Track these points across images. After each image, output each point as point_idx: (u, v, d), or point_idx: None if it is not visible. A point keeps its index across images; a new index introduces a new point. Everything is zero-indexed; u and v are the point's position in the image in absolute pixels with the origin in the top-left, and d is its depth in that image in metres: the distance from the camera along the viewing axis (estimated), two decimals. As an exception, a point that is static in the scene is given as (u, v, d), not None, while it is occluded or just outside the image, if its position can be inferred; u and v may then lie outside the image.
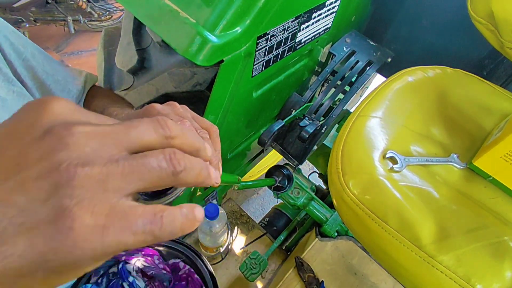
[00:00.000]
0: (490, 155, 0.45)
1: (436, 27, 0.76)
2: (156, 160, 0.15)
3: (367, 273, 0.78)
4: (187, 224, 0.16)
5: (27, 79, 0.39)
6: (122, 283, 0.50)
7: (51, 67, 0.43)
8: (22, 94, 0.37)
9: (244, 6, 0.42)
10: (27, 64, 0.39)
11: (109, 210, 0.14)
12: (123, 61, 0.60)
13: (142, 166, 0.15)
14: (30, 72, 0.39)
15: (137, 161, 0.15)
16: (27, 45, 0.40)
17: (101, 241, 0.13)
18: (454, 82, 0.58)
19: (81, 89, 0.47)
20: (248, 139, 0.78)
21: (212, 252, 0.84)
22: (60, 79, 0.44)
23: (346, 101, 0.68)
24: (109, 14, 2.04)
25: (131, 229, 0.14)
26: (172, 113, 0.22)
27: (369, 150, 0.47)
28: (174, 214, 0.15)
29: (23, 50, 0.38)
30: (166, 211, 0.15)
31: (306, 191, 0.84)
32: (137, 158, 0.15)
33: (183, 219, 0.16)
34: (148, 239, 0.15)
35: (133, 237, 0.14)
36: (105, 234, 0.13)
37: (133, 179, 0.15)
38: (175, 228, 0.15)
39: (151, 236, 0.15)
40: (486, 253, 0.39)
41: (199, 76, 0.53)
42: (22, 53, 0.38)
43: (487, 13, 0.50)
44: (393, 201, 0.43)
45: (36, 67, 0.40)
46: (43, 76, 0.41)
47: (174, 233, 0.15)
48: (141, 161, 0.15)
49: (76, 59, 1.99)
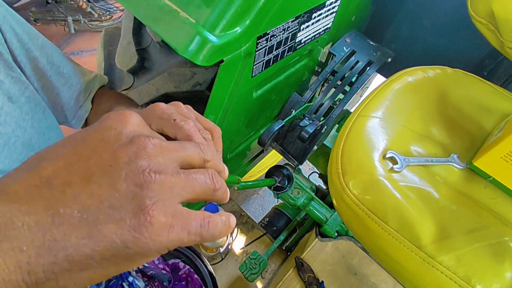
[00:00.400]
0: (490, 156, 0.45)
1: (436, 27, 0.76)
2: (204, 177, 0.19)
3: (367, 274, 0.78)
4: (224, 229, 0.19)
5: (27, 68, 0.40)
6: (121, 283, 0.50)
7: (59, 60, 0.44)
8: (20, 80, 0.38)
9: (244, 6, 0.42)
10: (29, 55, 0.40)
11: (174, 212, 0.17)
12: (123, 61, 0.60)
13: (195, 180, 0.18)
14: (32, 63, 0.40)
15: (192, 176, 0.18)
16: (35, 36, 0.41)
17: (167, 236, 0.16)
18: (454, 82, 0.58)
19: (85, 87, 0.48)
20: (248, 139, 0.78)
21: (212, 252, 0.84)
22: (65, 72, 0.45)
23: (346, 101, 0.68)
24: (109, 14, 2.04)
25: (187, 229, 0.17)
26: (176, 112, 0.22)
27: (369, 150, 0.47)
28: (217, 220, 0.19)
29: (28, 41, 0.39)
30: (212, 217, 0.18)
31: (306, 191, 0.84)
32: (192, 173, 0.18)
33: (222, 225, 0.19)
34: (197, 239, 0.18)
35: (188, 236, 0.17)
36: (171, 231, 0.16)
37: (188, 189, 0.18)
38: (216, 232, 0.18)
39: (199, 237, 0.18)
40: (486, 253, 0.39)
41: (199, 76, 0.53)
42: (26, 44, 0.39)
43: (487, 13, 0.49)
44: (393, 201, 0.43)
45: (39, 58, 0.41)
46: (45, 67, 0.42)
47: (215, 236, 0.18)
48: (194, 176, 0.18)
49: (77, 59, 1.99)
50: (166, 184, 0.17)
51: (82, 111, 0.49)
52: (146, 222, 0.16)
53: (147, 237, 0.16)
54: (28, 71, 0.40)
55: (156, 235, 0.16)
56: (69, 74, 0.45)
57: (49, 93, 0.44)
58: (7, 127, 0.35)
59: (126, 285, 0.49)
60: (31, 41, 0.40)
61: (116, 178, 0.16)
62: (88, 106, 0.49)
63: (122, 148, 0.17)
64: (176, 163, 0.18)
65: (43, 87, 0.43)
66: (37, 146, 0.39)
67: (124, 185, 0.16)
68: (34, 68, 0.40)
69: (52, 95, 0.44)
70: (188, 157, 0.19)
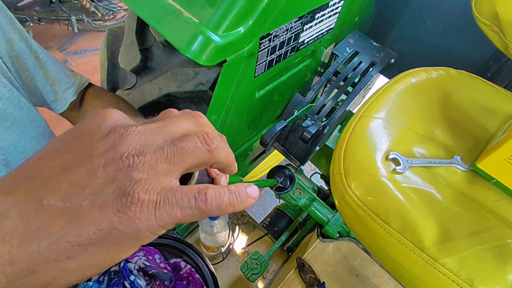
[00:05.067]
0: (493, 157, 0.44)
1: (440, 28, 0.76)
2: (192, 142, 0.18)
3: (369, 275, 0.78)
4: (237, 200, 0.18)
5: (0, 49, 0.40)
6: (123, 281, 0.50)
7: (36, 46, 0.44)
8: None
9: (247, 6, 0.42)
10: (6, 36, 0.40)
11: (160, 189, 0.17)
12: (126, 60, 0.60)
13: (181, 149, 0.18)
14: (8, 44, 0.40)
15: (176, 146, 0.18)
16: (14, 22, 0.41)
17: (153, 213, 0.16)
18: (458, 83, 0.57)
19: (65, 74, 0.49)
20: (250, 139, 0.78)
21: (213, 252, 0.84)
22: (41, 58, 0.45)
23: (348, 102, 0.67)
24: (113, 14, 2.05)
25: (178, 204, 0.17)
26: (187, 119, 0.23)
27: (372, 151, 0.47)
28: (219, 191, 0.18)
29: (5, 23, 0.39)
30: (209, 189, 0.18)
31: (308, 192, 0.84)
32: (176, 143, 0.18)
33: (230, 195, 0.18)
34: (196, 213, 0.17)
35: (181, 211, 0.17)
36: (157, 208, 0.16)
37: (176, 161, 0.18)
38: (222, 203, 0.18)
39: (198, 210, 0.17)
40: (489, 255, 0.38)
41: (202, 76, 0.53)
42: (2, 26, 0.39)
43: (491, 14, 0.49)
44: (396, 202, 0.42)
45: (15, 40, 0.41)
46: (22, 49, 0.42)
47: (223, 208, 0.18)
48: (180, 144, 0.18)
49: (80, 58, 2.00)
50: (148, 163, 0.17)
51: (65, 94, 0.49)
52: (128, 202, 0.16)
53: (132, 216, 0.16)
54: (1, 52, 0.40)
55: (141, 213, 0.16)
56: (45, 60, 0.45)
57: (24, 76, 0.44)
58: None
59: (127, 283, 0.50)
60: (10, 25, 0.40)
61: (95, 166, 0.16)
62: (72, 92, 0.49)
63: (101, 139, 0.17)
64: (162, 139, 0.18)
65: (17, 70, 0.43)
66: (11, 118, 0.39)
67: (104, 171, 0.16)
68: (9, 50, 0.41)
69: (27, 78, 0.44)
70: (179, 128, 0.19)
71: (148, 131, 0.18)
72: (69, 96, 0.49)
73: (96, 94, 0.54)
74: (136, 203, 0.16)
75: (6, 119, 0.38)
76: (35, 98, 0.47)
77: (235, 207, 0.18)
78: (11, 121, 0.39)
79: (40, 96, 0.47)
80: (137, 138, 0.17)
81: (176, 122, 0.19)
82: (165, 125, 0.19)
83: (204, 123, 0.21)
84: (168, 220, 0.16)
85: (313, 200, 0.84)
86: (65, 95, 0.49)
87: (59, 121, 0.57)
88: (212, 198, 0.18)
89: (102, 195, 0.16)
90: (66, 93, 0.49)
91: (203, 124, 0.21)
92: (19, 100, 0.41)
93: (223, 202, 0.18)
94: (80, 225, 0.15)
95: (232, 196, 0.18)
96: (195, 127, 0.20)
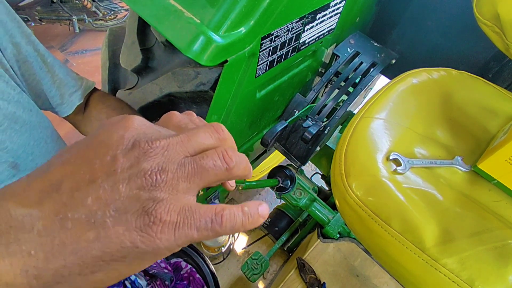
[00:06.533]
0: (495, 158, 0.44)
1: (441, 28, 0.76)
2: (212, 160, 0.19)
3: (369, 275, 0.78)
4: (249, 221, 0.19)
5: (7, 52, 0.40)
6: (124, 281, 0.50)
7: (43, 50, 0.44)
8: None
9: (248, 6, 0.42)
10: (13, 40, 0.40)
11: (180, 209, 0.17)
12: (128, 60, 0.60)
13: (201, 167, 0.18)
14: (15, 48, 0.40)
15: (197, 163, 0.18)
16: (22, 25, 0.41)
17: (173, 234, 0.17)
18: (459, 84, 0.57)
19: (72, 77, 0.49)
20: (251, 139, 0.78)
21: (214, 252, 0.84)
22: (49, 61, 0.45)
23: (349, 102, 0.67)
24: (114, 14, 2.05)
25: (195, 226, 0.17)
26: (190, 122, 0.23)
27: (373, 151, 0.47)
28: (234, 213, 0.18)
29: (11, 27, 0.39)
30: (226, 210, 0.18)
31: (309, 192, 0.84)
32: (197, 160, 0.18)
33: (243, 216, 0.19)
34: (211, 234, 0.18)
35: (197, 232, 0.17)
36: (177, 229, 0.17)
37: (196, 180, 0.18)
38: (235, 225, 0.18)
39: (213, 232, 0.18)
40: (490, 256, 0.38)
41: (203, 76, 0.53)
42: (9, 30, 0.39)
43: (493, 15, 0.49)
44: (397, 203, 0.42)
45: (21, 44, 0.41)
46: (29, 53, 0.42)
47: (236, 229, 0.18)
48: (200, 162, 0.18)
49: (81, 58, 2.00)
50: (170, 182, 0.17)
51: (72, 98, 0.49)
52: (150, 222, 0.16)
53: (154, 236, 0.16)
54: (8, 55, 0.40)
55: (162, 233, 0.16)
56: (52, 63, 0.45)
57: (30, 80, 0.44)
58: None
59: (128, 283, 0.50)
60: (17, 29, 0.40)
61: (119, 181, 0.17)
62: (79, 95, 0.49)
63: (125, 153, 0.17)
64: (184, 155, 0.18)
65: (23, 74, 0.43)
66: (21, 120, 0.39)
67: (128, 187, 0.16)
68: (16, 54, 0.41)
69: (33, 82, 0.44)
70: (200, 143, 0.19)
71: (171, 146, 0.18)
72: (75, 100, 0.49)
73: (101, 98, 0.54)
74: (158, 224, 0.16)
75: (15, 121, 0.38)
76: (39, 102, 0.47)
77: (246, 227, 0.19)
78: (21, 124, 0.39)
79: (45, 99, 0.47)
80: (160, 154, 0.18)
81: (198, 136, 0.20)
82: (187, 139, 0.19)
83: (225, 138, 0.21)
84: (185, 239, 0.17)
85: (313, 200, 0.84)
86: (71, 98, 0.49)
87: (61, 123, 0.57)
88: (227, 220, 0.18)
89: (125, 213, 0.16)
90: (72, 96, 0.49)
91: (224, 139, 0.21)
92: (28, 103, 0.41)
93: (236, 223, 0.18)
94: (105, 242, 0.16)
95: (245, 217, 0.19)
96: (216, 142, 0.20)
